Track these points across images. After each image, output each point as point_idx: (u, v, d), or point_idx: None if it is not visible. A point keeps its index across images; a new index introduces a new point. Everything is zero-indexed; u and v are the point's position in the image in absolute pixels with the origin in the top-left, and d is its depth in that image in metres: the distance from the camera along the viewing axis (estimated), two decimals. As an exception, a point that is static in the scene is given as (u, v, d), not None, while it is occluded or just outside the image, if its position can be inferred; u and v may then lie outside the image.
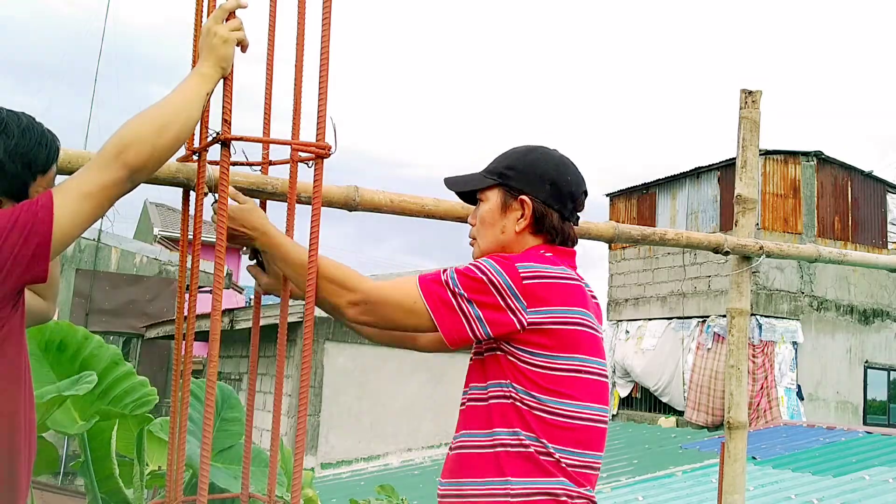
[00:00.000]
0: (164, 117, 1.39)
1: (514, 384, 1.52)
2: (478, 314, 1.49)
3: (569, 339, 1.52)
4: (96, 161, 1.38)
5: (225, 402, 3.21)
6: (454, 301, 1.50)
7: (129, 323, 13.02)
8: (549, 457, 1.50)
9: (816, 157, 14.21)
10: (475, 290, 1.50)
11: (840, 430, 9.29)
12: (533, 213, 1.62)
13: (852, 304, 14.07)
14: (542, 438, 1.50)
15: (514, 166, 1.64)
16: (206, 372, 1.50)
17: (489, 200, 1.66)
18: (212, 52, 1.46)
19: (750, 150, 2.70)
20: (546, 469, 1.50)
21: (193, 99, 1.43)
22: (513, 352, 1.52)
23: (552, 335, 1.51)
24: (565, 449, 1.51)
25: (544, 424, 1.51)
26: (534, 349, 1.51)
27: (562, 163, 1.67)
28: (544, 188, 1.62)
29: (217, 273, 1.45)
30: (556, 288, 1.53)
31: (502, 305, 1.49)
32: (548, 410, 1.51)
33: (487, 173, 1.67)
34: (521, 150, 1.69)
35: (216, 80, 1.47)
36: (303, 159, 1.54)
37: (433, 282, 1.52)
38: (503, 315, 1.49)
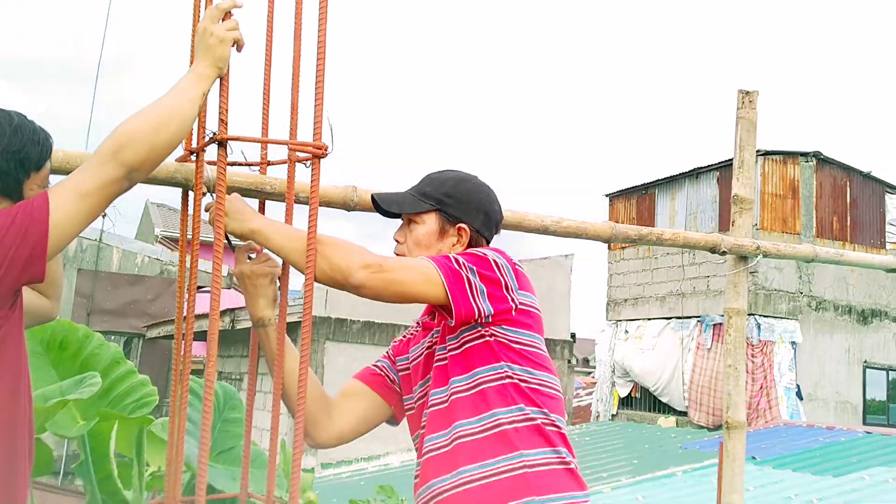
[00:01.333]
0: (161, 116, 1.40)
1: (510, 363, 1.63)
2: (482, 288, 1.59)
3: (538, 322, 1.69)
4: (93, 160, 1.38)
5: (227, 402, 3.22)
6: (463, 273, 1.58)
7: (130, 323, 13.02)
8: (552, 426, 1.62)
9: (815, 158, 14.22)
10: (481, 265, 1.60)
11: (840, 429, 9.30)
12: (469, 241, 1.73)
13: (851, 304, 14.07)
14: (543, 409, 1.62)
15: (452, 195, 1.73)
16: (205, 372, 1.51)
17: (425, 224, 1.73)
18: (208, 52, 1.47)
19: (747, 150, 2.71)
20: (551, 439, 1.61)
21: (190, 98, 1.44)
22: (505, 335, 1.63)
23: (531, 316, 1.67)
24: (559, 417, 1.66)
25: (542, 396, 1.63)
26: (521, 328, 1.65)
27: (490, 194, 1.80)
28: (479, 217, 1.75)
29: (215, 272, 1.45)
30: (525, 276, 1.69)
31: (501, 284, 1.61)
32: (541, 383, 1.64)
33: (423, 196, 1.74)
34: (455, 178, 1.77)
35: (213, 79, 1.48)
36: (300, 159, 1.55)
37: (446, 258, 1.60)
38: (501, 293, 1.61)
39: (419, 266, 1.58)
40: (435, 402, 1.68)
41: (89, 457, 3.06)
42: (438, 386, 1.68)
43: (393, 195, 1.79)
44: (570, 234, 2.29)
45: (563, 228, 2.26)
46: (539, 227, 2.30)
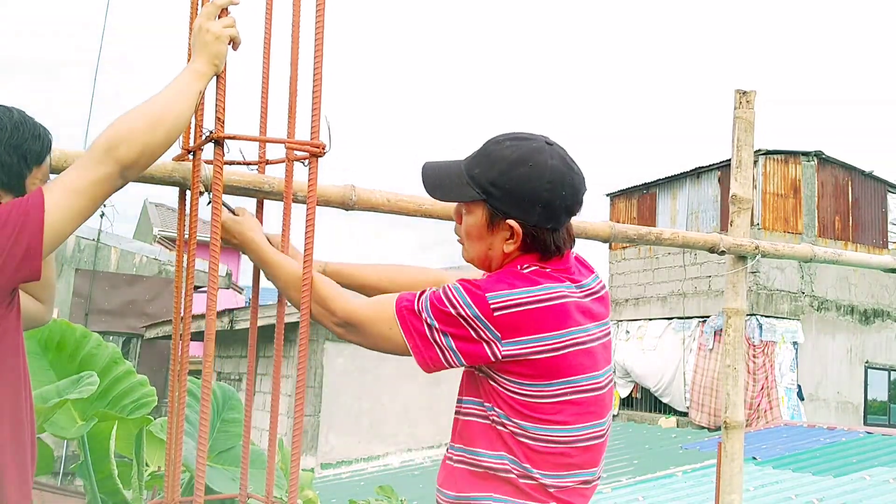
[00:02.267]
0: (156, 113, 1.40)
1: (496, 408, 1.45)
2: (451, 346, 1.42)
3: (552, 367, 1.42)
4: (87, 157, 1.38)
5: (226, 402, 3.21)
6: (428, 332, 1.43)
7: (128, 323, 13.02)
8: (531, 480, 1.43)
9: (817, 157, 14.21)
10: (447, 322, 1.41)
11: (841, 430, 9.29)
12: (523, 237, 1.47)
13: (853, 304, 14.06)
14: (525, 464, 1.43)
15: (500, 184, 1.46)
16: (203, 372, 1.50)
17: (474, 214, 1.51)
18: (204, 49, 1.46)
19: (745, 150, 2.71)
20: (530, 494, 1.43)
21: (186, 95, 1.43)
22: (496, 378, 1.44)
23: (532, 365, 1.41)
24: (554, 474, 1.44)
25: (530, 451, 1.43)
26: (515, 378, 1.42)
27: (554, 177, 1.46)
28: (535, 211, 1.46)
29: (212, 272, 1.45)
30: (533, 314, 1.41)
31: (474, 337, 1.40)
32: (534, 437, 1.43)
33: (470, 180, 1.49)
34: (509, 160, 1.47)
35: (209, 77, 1.47)
36: (298, 158, 1.54)
37: (408, 310, 1.45)
38: (477, 346, 1.41)
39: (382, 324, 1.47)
40: (455, 409, 1.57)
41: (89, 457, 3.06)
42: (459, 394, 1.57)
43: (441, 173, 1.55)
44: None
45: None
46: (538, 227, 2.28)
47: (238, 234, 1.58)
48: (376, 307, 1.50)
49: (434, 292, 1.45)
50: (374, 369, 10.97)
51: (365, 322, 1.49)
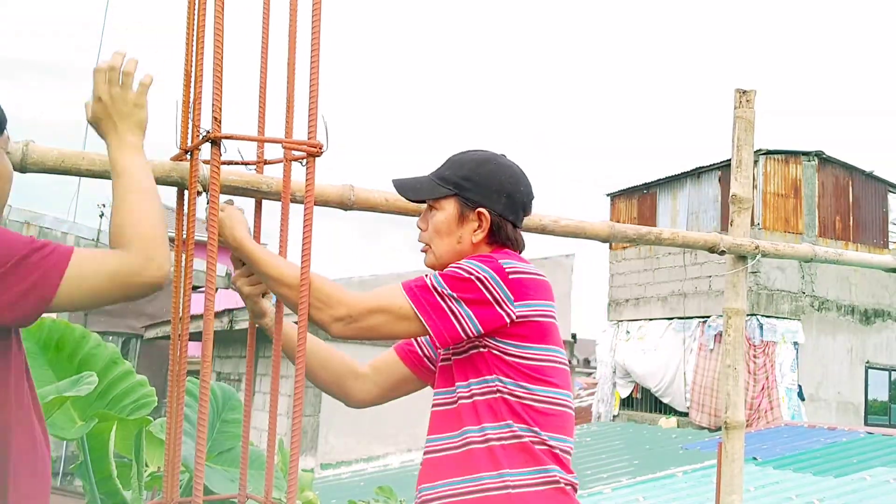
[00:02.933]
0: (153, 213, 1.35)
1: (502, 377, 1.56)
2: (467, 312, 1.52)
3: (545, 331, 1.59)
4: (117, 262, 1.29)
5: (225, 403, 3.20)
6: (442, 302, 1.52)
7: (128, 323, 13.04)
8: (542, 445, 1.55)
9: (817, 157, 14.20)
10: (463, 288, 1.53)
11: (841, 430, 9.28)
12: (490, 225, 1.65)
13: (853, 304, 14.05)
14: (534, 427, 1.55)
15: (470, 177, 1.66)
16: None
17: (444, 210, 1.67)
18: (127, 120, 1.41)
19: (745, 149, 2.71)
20: (540, 458, 1.54)
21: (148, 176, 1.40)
22: (498, 346, 1.56)
23: (532, 327, 1.57)
24: (554, 435, 1.57)
25: (536, 413, 1.56)
26: (518, 341, 1.56)
27: (515, 174, 1.69)
28: (500, 201, 1.65)
29: (209, 272, 1.44)
30: (535, 283, 1.59)
31: (490, 300, 1.53)
32: (537, 399, 1.56)
33: (440, 180, 1.68)
34: (476, 159, 1.69)
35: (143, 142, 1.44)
36: (295, 158, 1.54)
37: (418, 287, 1.54)
38: (492, 309, 1.53)
39: (392, 306, 1.54)
40: (437, 402, 1.66)
41: (88, 457, 3.05)
42: (441, 386, 1.65)
43: (411, 180, 1.73)
44: (568, 234, 2.28)
45: (562, 228, 2.25)
46: (537, 227, 2.29)
47: (228, 228, 1.55)
48: (379, 293, 1.58)
49: (442, 271, 1.57)
50: (374, 369, 10.96)
51: (373, 307, 1.54)
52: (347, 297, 1.56)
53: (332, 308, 1.54)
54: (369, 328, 1.56)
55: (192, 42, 1.56)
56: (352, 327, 1.55)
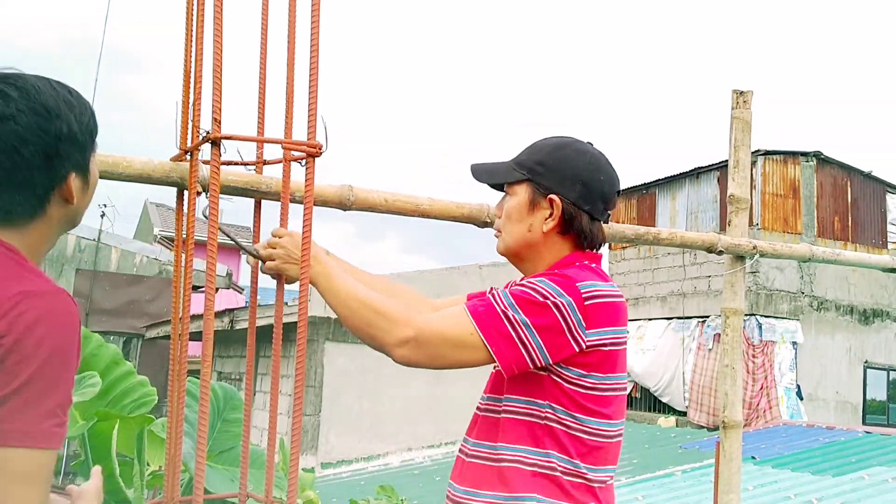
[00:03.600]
0: None
1: (554, 405, 1.47)
2: (538, 342, 1.42)
3: (612, 359, 1.49)
4: None
5: (227, 402, 3.21)
6: (511, 330, 1.42)
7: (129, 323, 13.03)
8: (578, 478, 1.47)
9: (816, 158, 14.21)
10: (536, 313, 1.42)
11: (839, 429, 9.29)
12: (562, 214, 1.55)
13: (852, 304, 14.06)
14: (575, 459, 1.47)
15: (545, 162, 1.57)
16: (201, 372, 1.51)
17: (517, 195, 1.59)
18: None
19: (742, 150, 2.72)
20: (570, 492, 1.46)
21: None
22: (561, 373, 1.47)
23: (601, 356, 1.46)
24: (595, 468, 1.48)
25: (580, 444, 1.47)
26: (583, 370, 1.46)
27: (595, 160, 1.59)
28: (575, 188, 1.55)
29: (209, 272, 1.45)
30: (611, 308, 1.48)
31: (563, 329, 1.43)
32: (586, 430, 1.47)
33: (517, 165, 1.60)
34: (553, 144, 1.61)
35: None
36: (295, 158, 1.55)
37: (486, 312, 1.44)
38: (564, 339, 1.43)
39: (460, 332, 1.43)
40: (483, 406, 1.58)
41: (90, 456, 3.06)
42: (490, 392, 1.58)
43: (489, 165, 1.66)
44: None
45: None
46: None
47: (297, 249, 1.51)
48: (446, 316, 1.48)
49: (513, 289, 1.47)
50: (374, 369, 10.97)
51: (439, 333, 1.45)
52: (415, 318, 1.46)
53: (400, 329, 1.44)
54: (434, 356, 1.46)
55: (191, 42, 1.57)
56: (418, 353, 1.46)
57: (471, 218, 2.16)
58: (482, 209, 2.15)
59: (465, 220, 2.17)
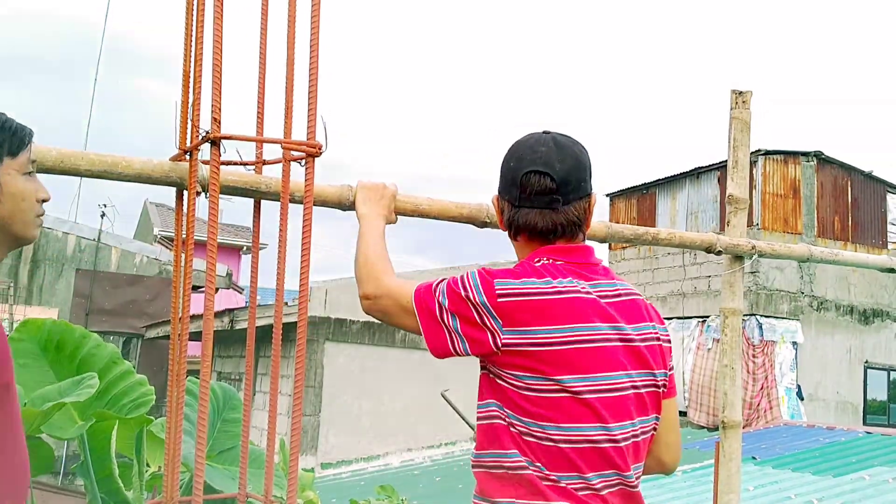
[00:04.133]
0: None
1: (505, 407, 1.45)
2: (458, 328, 1.45)
3: (550, 360, 1.41)
4: None
5: (226, 402, 3.21)
6: (438, 313, 1.48)
7: (129, 323, 13.04)
8: (550, 482, 1.41)
9: (816, 158, 14.21)
10: (455, 303, 1.46)
11: (840, 430, 9.29)
12: (499, 211, 1.59)
13: (852, 304, 14.06)
14: (536, 462, 1.42)
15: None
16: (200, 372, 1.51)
17: None
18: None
19: (741, 150, 2.72)
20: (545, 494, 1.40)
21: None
22: (497, 373, 1.46)
23: (530, 356, 1.41)
24: (568, 475, 1.41)
25: (538, 448, 1.42)
26: (512, 370, 1.43)
27: (513, 148, 1.56)
28: (501, 183, 1.57)
29: (209, 272, 1.45)
30: (537, 305, 1.42)
31: (478, 322, 1.44)
32: (532, 434, 1.42)
33: None
34: None
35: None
36: (294, 158, 1.55)
37: (426, 290, 1.51)
38: (480, 332, 1.44)
39: (403, 299, 1.54)
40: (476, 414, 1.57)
41: (89, 457, 3.06)
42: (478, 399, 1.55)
43: None
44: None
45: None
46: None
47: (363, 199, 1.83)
48: (404, 284, 1.58)
49: (454, 276, 1.52)
50: (374, 369, 10.97)
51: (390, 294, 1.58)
52: (382, 278, 1.61)
53: (365, 284, 1.62)
54: (383, 313, 1.60)
55: (191, 42, 1.57)
56: (372, 306, 1.61)
57: (470, 218, 2.16)
58: (481, 209, 2.15)
59: (464, 221, 2.16)
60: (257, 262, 1.83)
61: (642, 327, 1.54)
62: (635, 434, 1.48)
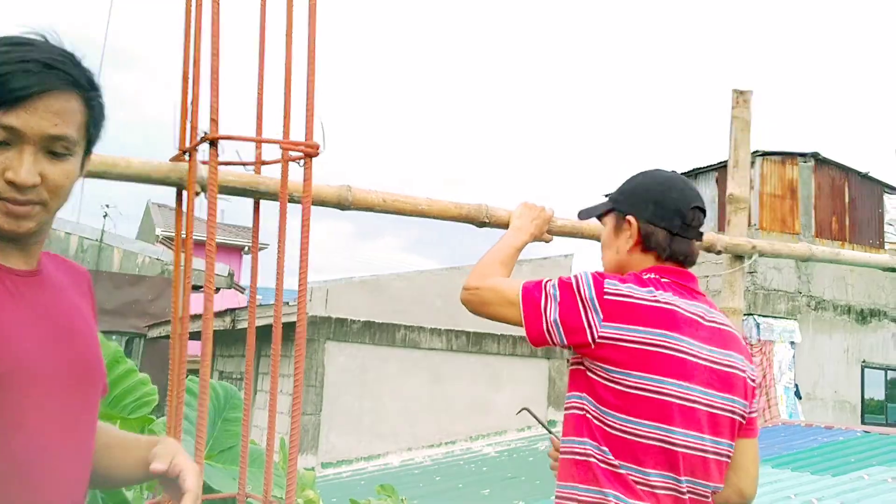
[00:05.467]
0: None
1: (589, 397, 1.61)
2: (556, 318, 1.61)
3: (641, 358, 1.56)
4: None
5: (227, 401, 3.22)
6: (542, 302, 1.62)
7: (131, 323, 13.05)
8: (610, 467, 1.57)
9: (814, 158, 14.22)
10: (565, 295, 1.62)
11: (838, 429, 9.29)
12: (639, 232, 1.71)
13: (850, 303, 14.07)
14: (603, 447, 1.58)
15: (624, 190, 1.78)
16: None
17: (606, 225, 1.81)
18: None
19: (742, 149, 2.72)
20: (600, 479, 1.56)
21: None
22: (590, 367, 1.61)
23: (624, 352, 1.56)
24: (628, 465, 1.56)
25: (608, 436, 1.58)
26: (605, 364, 1.58)
27: (667, 181, 1.74)
28: (648, 207, 1.71)
29: (208, 272, 1.46)
30: (638, 308, 1.58)
31: (581, 315, 1.59)
32: (605, 423, 1.58)
33: (607, 200, 1.84)
34: (634, 175, 1.81)
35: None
36: (293, 158, 1.56)
37: (535, 284, 1.66)
38: (579, 324, 1.59)
39: (506, 290, 1.70)
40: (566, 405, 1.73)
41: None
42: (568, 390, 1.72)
43: (591, 206, 1.93)
44: (565, 234, 2.29)
45: (559, 228, 2.26)
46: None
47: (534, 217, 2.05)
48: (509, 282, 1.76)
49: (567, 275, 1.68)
50: (375, 368, 10.98)
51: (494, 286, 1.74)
52: (490, 275, 1.78)
53: (472, 277, 1.78)
54: (484, 301, 1.74)
55: (189, 43, 1.58)
56: (471, 296, 1.76)
57: (469, 218, 2.17)
58: (480, 209, 2.16)
59: (463, 220, 2.17)
60: (257, 262, 1.84)
61: (730, 355, 1.68)
62: (704, 449, 1.61)
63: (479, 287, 1.74)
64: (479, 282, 1.75)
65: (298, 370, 1.56)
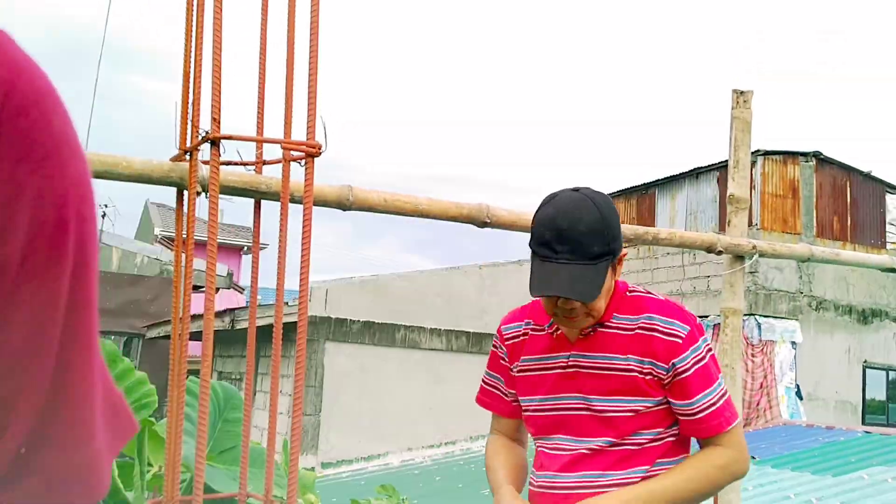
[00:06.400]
0: None
1: None
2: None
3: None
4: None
5: (227, 402, 3.21)
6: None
7: (130, 323, 13.05)
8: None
9: (815, 158, 14.22)
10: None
11: (839, 429, 9.30)
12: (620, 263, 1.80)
13: (851, 304, 14.07)
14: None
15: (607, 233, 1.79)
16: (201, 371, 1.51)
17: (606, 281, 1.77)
18: None
19: (742, 149, 2.72)
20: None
21: None
22: None
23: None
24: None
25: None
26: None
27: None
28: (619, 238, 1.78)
29: (209, 272, 1.46)
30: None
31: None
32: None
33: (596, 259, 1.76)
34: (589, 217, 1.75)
35: None
36: (294, 158, 1.55)
37: (727, 401, 1.85)
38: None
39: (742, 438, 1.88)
40: None
41: (88, 456, 3.06)
42: None
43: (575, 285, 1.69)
44: None
45: None
46: (535, 227, 2.29)
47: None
48: (739, 438, 1.84)
49: (707, 362, 1.78)
50: (374, 369, 10.98)
51: (742, 443, 1.84)
52: (741, 458, 1.82)
53: (743, 464, 1.82)
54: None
55: (190, 42, 1.58)
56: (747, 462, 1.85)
57: (470, 218, 2.17)
58: (481, 209, 2.16)
59: (464, 220, 2.17)
60: (257, 262, 1.83)
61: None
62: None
63: (745, 456, 1.87)
64: (743, 456, 1.85)
65: (299, 370, 1.56)
